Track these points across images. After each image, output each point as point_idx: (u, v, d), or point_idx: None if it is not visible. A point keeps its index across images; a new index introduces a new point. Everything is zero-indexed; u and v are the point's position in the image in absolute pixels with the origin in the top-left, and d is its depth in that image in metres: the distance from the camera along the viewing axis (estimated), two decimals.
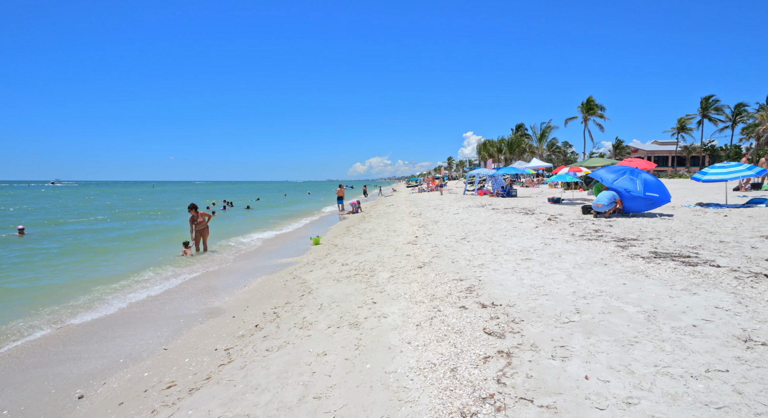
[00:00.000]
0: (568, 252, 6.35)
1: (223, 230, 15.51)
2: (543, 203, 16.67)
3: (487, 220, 11.50)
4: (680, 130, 56.54)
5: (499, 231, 9.18)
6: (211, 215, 10.52)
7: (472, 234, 9.08)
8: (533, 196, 21.75)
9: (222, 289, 6.69)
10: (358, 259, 7.64)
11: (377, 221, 14.82)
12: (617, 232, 7.98)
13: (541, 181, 37.16)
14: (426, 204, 20.40)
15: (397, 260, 7.12)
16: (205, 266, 8.65)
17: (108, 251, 11.03)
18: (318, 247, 10.16)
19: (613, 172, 10.63)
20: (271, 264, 8.47)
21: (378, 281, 5.81)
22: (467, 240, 8.35)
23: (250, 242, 12.12)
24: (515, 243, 7.50)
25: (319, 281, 6.30)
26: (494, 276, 5.33)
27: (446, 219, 12.73)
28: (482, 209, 15.52)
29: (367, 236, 10.90)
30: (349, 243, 9.98)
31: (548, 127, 61.50)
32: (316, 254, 9.13)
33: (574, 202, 16.40)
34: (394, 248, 8.47)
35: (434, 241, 8.68)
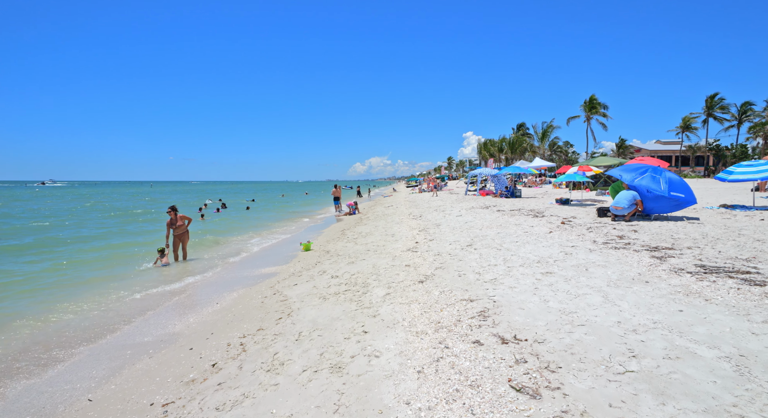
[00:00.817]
0: (595, 264, 5.41)
1: (212, 233, 14.58)
2: (551, 205, 15.73)
3: (494, 223, 10.56)
4: (685, 130, 55.64)
5: (508, 236, 8.24)
6: (191, 218, 9.59)
7: (478, 240, 8.14)
8: (538, 197, 20.81)
9: (190, 306, 5.74)
10: (350, 270, 6.70)
11: (375, 223, 13.88)
12: (645, 238, 7.03)
13: (545, 182, 36.22)
14: (426, 205, 19.46)
15: (394, 271, 6.17)
16: (179, 278, 7.70)
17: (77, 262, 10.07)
18: (308, 254, 9.21)
19: (633, 170, 9.68)
20: (253, 274, 7.53)
21: (371, 299, 4.87)
22: (474, 247, 7.41)
23: (236, 247, 11.17)
24: (530, 252, 6.56)
25: (303, 298, 5.35)
26: (512, 296, 4.38)
27: (449, 222, 11.79)
28: (486, 210, 14.58)
29: (363, 240, 9.95)
30: (342, 249, 9.04)
31: (550, 126, 60.63)
32: (305, 262, 8.18)
33: (583, 204, 15.47)
34: (391, 255, 7.52)
35: (437, 248, 7.74)
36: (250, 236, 13.55)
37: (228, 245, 11.58)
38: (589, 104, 54.24)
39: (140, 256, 9.97)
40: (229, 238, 13.10)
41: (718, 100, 51.37)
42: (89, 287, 7.03)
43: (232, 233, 14.71)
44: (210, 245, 11.69)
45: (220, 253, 10.34)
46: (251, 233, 14.18)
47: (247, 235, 13.78)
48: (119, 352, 4.23)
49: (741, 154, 50.10)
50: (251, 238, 13.04)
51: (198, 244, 11.92)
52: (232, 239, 12.68)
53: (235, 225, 17.40)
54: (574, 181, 15.95)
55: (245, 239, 12.80)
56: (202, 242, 12.09)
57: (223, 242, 12.21)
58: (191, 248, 10.64)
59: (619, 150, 60.96)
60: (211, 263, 8.94)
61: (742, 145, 51.08)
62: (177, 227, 9.15)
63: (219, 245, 11.62)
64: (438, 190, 30.95)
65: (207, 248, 11.08)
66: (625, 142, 59.87)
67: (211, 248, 11.08)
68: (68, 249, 11.18)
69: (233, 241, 12.30)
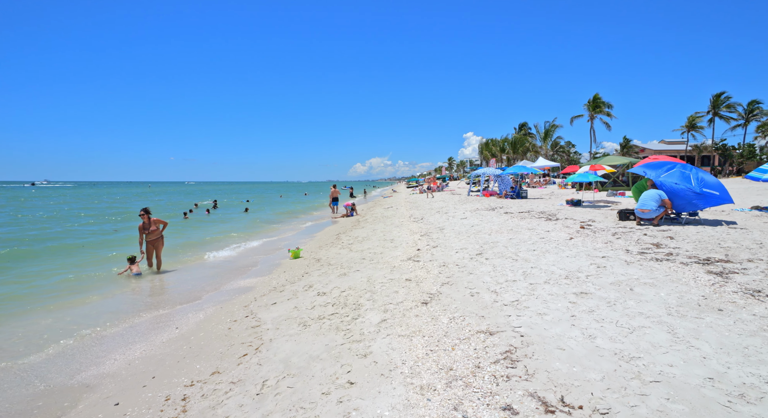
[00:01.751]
0: (640, 282, 4.39)
1: (197, 237, 13.56)
2: (561, 206, 14.72)
3: (504, 227, 9.55)
4: (690, 129, 54.60)
5: (523, 244, 7.22)
6: (167, 223, 8.56)
7: (489, 247, 7.13)
8: (545, 198, 19.80)
9: (142, 333, 4.72)
10: (341, 284, 5.68)
11: (372, 226, 12.87)
12: (688, 247, 6.01)
13: (549, 182, 35.20)
14: (428, 207, 18.45)
15: (392, 287, 5.15)
16: (144, 292, 6.68)
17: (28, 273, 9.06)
18: (296, 262, 8.19)
19: (658, 166, 8.68)
20: (230, 288, 6.50)
21: (363, 328, 3.85)
22: (485, 257, 6.39)
23: (218, 253, 10.16)
24: (553, 263, 5.54)
25: (279, 323, 4.34)
26: (543, 327, 3.37)
27: (453, 225, 10.78)
28: (493, 212, 13.57)
29: (359, 246, 8.94)
30: (334, 257, 8.02)
31: (553, 125, 59.72)
32: (291, 273, 7.17)
33: (596, 205, 14.45)
34: (390, 266, 6.51)
35: (442, 256, 6.73)
36: (238, 240, 12.53)
37: (210, 250, 10.57)
38: (592, 103, 53.25)
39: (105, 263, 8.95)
40: (213, 242, 12.09)
41: (725, 99, 50.34)
42: (29, 305, 6.01)
43: (218, 236, 13.69)
44: (191, 250, 10.68)
45: (198, 260, 9.33)
46: (239, 237, 13.16)
47: (234, 239, 12.77)
48: (11, 407, 3.21)
49: (749, 154, 49.07)
50: (238, 242, 12.03)
51: (178, 249, 10.91)
52: (216, 244, 11.67)
53: (224, 227, 16.38)
54: (582, 181, 14.93)
55: (231, 243, 11.79)
56: (183, 247, 11.08)
57: (205, 246, 11.19)
58: (169, 255, 9.63)
59: (623, 150, 59.93)
60: (186, 273, 7.92)
61: (749, 144, 50.06)
62: (150, 232, 8.13)
63: (200, 250, 10.61)
64: (431, 191, 28.75)
65: (186, 254, 10.07)
66: (629, 142, 58.84)
67: (191, 254, 10.07)
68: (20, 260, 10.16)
69: (217, 246, 11.29)
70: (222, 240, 12.63)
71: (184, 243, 12.10)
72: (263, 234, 13.96)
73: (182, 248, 10.97)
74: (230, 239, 12.72)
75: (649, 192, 8.57)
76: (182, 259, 9.58)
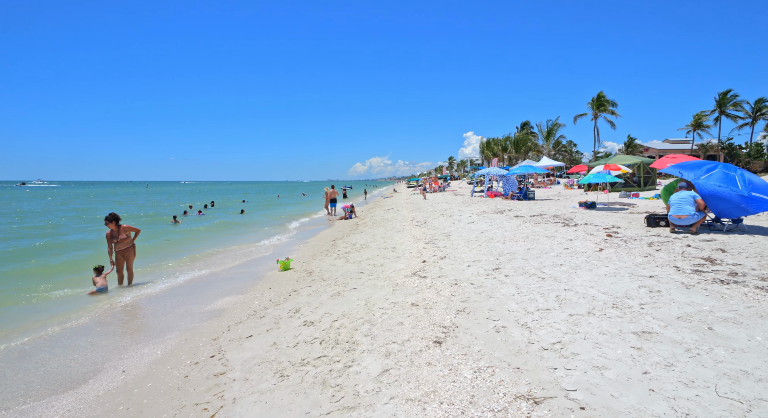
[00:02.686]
0: (717, 317, 3.41)
1: (180, 241, 12.58)
2: (574, 209, 13.74)
3: (518, 234, 8.57)
4: (696, 128, 53.67)
5: (545, 255, 6.25)
6: (139, 230, 7.57)
7: (506, 260, 6.15)
8: (553, 199, 18.82)
9: (76, 377, 3.73)
10: (334, 309, 4.70)
11: (372, 231, 11.89)
12: (752, 264, 5.02)
13: (554, 182, 34.21)
14: (431, 208, 17.47)
15: (396, 315, 4.17)
16: (100, 314, 5.69)
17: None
18: (284, 275, 7.21)
19: (695, 166, 7.72)
20: (201, 310, 5.51)
21: (358, 384, 2.88)
22: (503, 272, 5.41)
23: (199, 262, 9.18)
24: (590, 284, 4.56)
25: (251, 370, 3.36)
26: (608, 392, 2.40)
27: (460, 230, 9.80)
28: (501, 215, 12.60)
29: (356, 256, 7.96)
30: (329, 270, 7.05)
31: (555, 124, 58.76)
32: (277, 290, 6.19)
33: (612, 208, 13.47)
34: (392, 283, 5.53)
35: (452, 271, 5.75)
36: (224, 245, 11.55)
37: (192, 257, 9.59)
38: (596, 102, 52.25)
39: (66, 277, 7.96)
40: (198, 247, 11.11)
41: (731, 97, 49.31)
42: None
43: (205, 240, 12.71)
44: (171, 257, 9.70)
45: (177, 270, 8.35)
46: (227, 242, 12.18)
47: (221, 243, 11.79)
48: None
49: (756, 153, 48.09)
50: (225, 248, 11.05)
51: (155, 254, 9.92)
52: (201, 249, 10.68)
53: (213, 230, 15.40)
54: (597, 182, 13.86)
55: (217, 248, 10.81)
56: (165, 253, 10.09)
57: (188, 253, 10.21)
58: (144, 263, 8.64)
59: (628, 149, 58.93)
60: (158, 288, 6.93)
61: (757, 143, 49.10)
62: (119, 241, 7.15)
63: (181, 258, 9.63)
64: (425, 192, 26.76)
65: (167, 262, 9.09)
66: (634, 141, 57.87)
67: (171, 262, 9.09)
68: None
69: (201, 252, 10.31)
70: (209, 243, 11.65)
71: (167, 249, 11.11)
72: (253, 238, 12.97)
73: (163, 256, 9.99)
74: (217, 243, 11.74)
75: (682, 194, 7.60)
76: (160, 267, 8.60)
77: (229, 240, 12.57)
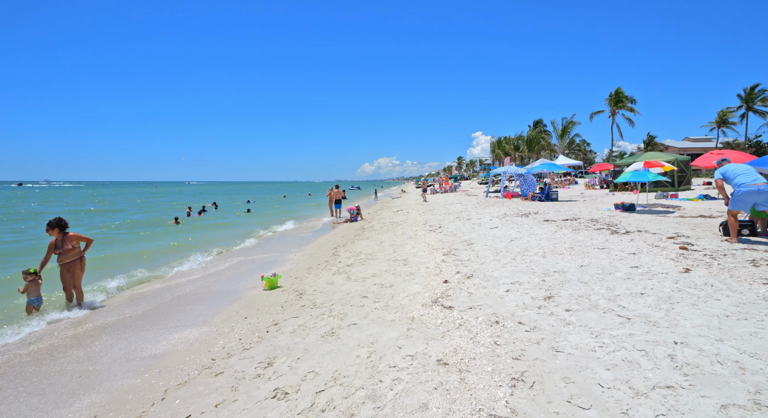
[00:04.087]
0: None
1: (167, 246, 11.22)
2: (609, 211, 12.06)
3: (558, 244, 6.97)
4: (720, 125, 51.11)
5: (611, 278, 4.66)
6: (91, 240, 6.15)
7: (557, 283, 4.58)
8: (579, 200, 17.11)
9: None
10: (322, 363, 3.20)
11: (380, 236, 10.38)
12: None
13: (572, 182, 32.33)
14: (444, 210, 15.89)
15: (415, 390, 2.65)
16: (12, 356, 4.27)
17: None
18: (269, 297, 5.73)
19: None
20: (143, 355, 4.03)
21: None
22: (562, 304, 3.85)
23: (175, 272, 7.77)
24: (714, 333, 2.98)
25: None
26: None
27: (483, 238, 8.23)
28: (528, 219, 10.98)
29: (360, 271, 6.45)
30: (324, 291, 5.55)
31: (570, 122, 56.60)
32: (253, 321, 4.70)
33: (654, 211, 11.76)
34: (406, 316, 4.01)
35: (486, 298, 4.22)
36: (211, 252, 10.14)
37: (169, 266, 8.19)
38: (614, 98, 50.00)
39: None
40: (182, 252, 9.72)
41: (759, 92, 46.73)
42: None
43: (193, 244, 11.33)
44: (144, 264, 8.31)
45: (144, 285, 6.94)
46: (215, 248, 10.77)
47: (207, 249, 10.38)
48: None
49: None
50: (209, 256, 9.64)
51: (123, 261, 8.52)
52: (181, 257, 9.29)
53: (205, 233, 14.02)
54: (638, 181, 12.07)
55: (198, 257, 9.39)
56: (138, 260, 8.70)
57: (165, 260, 8.82)
58: (103, 273, 7.21)
59: (647, 148, 56.49)
60: (107, 315, 5.49)
61: None
62: (63, 252, 5.74)
63: (154, 267, 8.22)
64: (425, 192, 24.58)
65: (135, 273, 7.69)
66: (653, 139, 55.43)
67: (139, 273, 7.69)
68: None
69: (180, 261, 8.91)
70: (194, 248, 10.24)
71: (143, 254, 9.73)
72: (246, 243, 11.55)
73: (135, 262, 8.60)
74: (203, 249, 10.32)
75: (743, 166, 6.02)
76: (121, 277, 7.17)
77: (217, 245, 11.16)
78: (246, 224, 17.40)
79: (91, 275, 6.89)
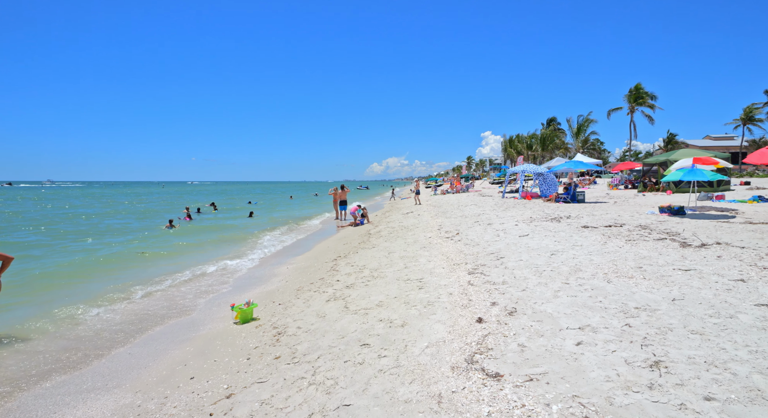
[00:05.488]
0: None
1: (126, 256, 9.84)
2: (653, 215, 10.39)
3: (619, 261, 5.37)
4: (746, 122, 48.50)
5: (733, 323, 3.09)
6: (11, 258, 4.73)
7: (656, 333, 3.02)
8: (609, 202, 15.37)
9: None
10: None
11: (388, 244, 8.86)
12: None
13: (592, 182, 30.43)
14: (459, 213, 14.29)
15: None
16: None
17: None
18: (236, 336, 4.25)
19: None
20: None
21: None
22: (690, 388, 2.29)
23: (126, 293, 6.34)
24: None
25: None
26: None
27: (514, 249, 6.66)
28: (559, 224, 9.38)
29: (362, 296, 4.94)
30: (310, 331, 4.05)
31: (587, 120, 54.41)
32: (198, 390, 3.22)
33: (708, 215, 10.06)
34: (429, 394, 2.50)
35: (549, 360, 2.68)
36: (185, 262, 8.73)
37: (123, 287, 6.77)
38: (634, 94, 47.77)
39: None
40: (145, 266, 8.32)
41: None
42: None
43: (168, 254, 9.92)
44: (96, 281, 6.91)
45: (80, 310, 5.52)
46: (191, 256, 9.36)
47: (182, 258, 8.97)
48: None
49: None
50: (181, 268, 8.22)
51: (73, 283, 7.09)
52: (147, 270, 7.88)
53: (188, 240, 12.62)
54: (692, 180, 10.22)
55: (168, 269, 7.96)
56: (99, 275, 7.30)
57: (122, 276, 7.41)
58: (39, 295, 5.79)
59: (667, 147, 54.03)
60: (18, 360, 4.06)
61: None
62: None
63: (104, 287, 6.79)
64: (418, 194, 22.63)
65: (71, 301, 6.26)
66: (674, 138, 52.97)
67: (82, 293, 6.28)
68: None
69: (142, 277, 7.49)
70: (164, 261, 8.81)
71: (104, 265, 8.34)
72: (232, 251, 10.12)
73: (88, 278, 7.20)
74: (177, 260, 8.90)
75: None
76: (55, 312, 5.71)
77: (196, 253, 9.74)
78: (241, 227, 16.04)
79: (23, 296, 5.49)
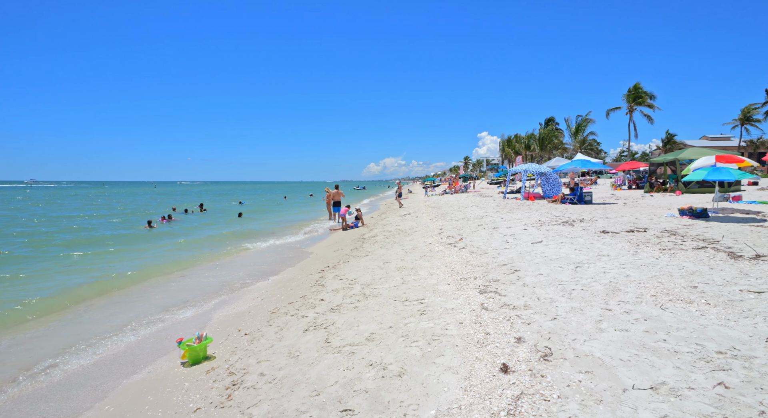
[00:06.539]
0: None
1: (80, 263, 8.76)
2: (673, 217, 9.47)
3: (664, 277, 4.40)
4: (744, 122, 48.06)
5: None
6: None
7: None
8: (618, 203, 14.45)
9: None
10: None
11: (383, 251, 7.85)
12: None
13: (594, 182, 29.62)
14: (460, 215, 13.30)
15: None
16: None
17: None
18: (176, 387, 3.21)
19: None
20: None
21: None
22: None
23: (50, 316, 5.28)
24: None
25: None
26: None
27: (529, 259, 5.66)
28: (573, 229, 8.42)
29: (349, 325, 3.93)
30: (275, 382, 3.02)
31: (585, 120, 53.67)
32: None
33: (732, 218, 9.14)
34: None
35: None
36: (147, 271, 7.67)
37: (48, 310, 5.70)
38: (633, 94, 47.10)
39: None
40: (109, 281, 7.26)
41: None
42: None
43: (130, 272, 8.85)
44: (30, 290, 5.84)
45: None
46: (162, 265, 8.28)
47: (146, 268, 7.90)
48: None
49: None
50: (134, 284, 7.16)
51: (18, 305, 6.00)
52: (94, 296, 6.82)
53: (164, 243, 11.53)
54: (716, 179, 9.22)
55: (121, 290, 6.90)
56: (25, 284, 6.22)
57: (50, 290, 6.35)
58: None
59: (666, 147, 53.49)
60: None
61: None
62: None
63: (40, 317, 5.71)
64: (400, 197, 22.12)
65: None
66: (673, 138, 52.43)
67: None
68: None
69: (85, 305, 6.43)
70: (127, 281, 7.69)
71: (42, 277, 7.24)
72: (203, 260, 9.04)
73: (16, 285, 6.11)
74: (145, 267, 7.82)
75: None
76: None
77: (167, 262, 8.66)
78: (225, 231, 14.95)
79: None
